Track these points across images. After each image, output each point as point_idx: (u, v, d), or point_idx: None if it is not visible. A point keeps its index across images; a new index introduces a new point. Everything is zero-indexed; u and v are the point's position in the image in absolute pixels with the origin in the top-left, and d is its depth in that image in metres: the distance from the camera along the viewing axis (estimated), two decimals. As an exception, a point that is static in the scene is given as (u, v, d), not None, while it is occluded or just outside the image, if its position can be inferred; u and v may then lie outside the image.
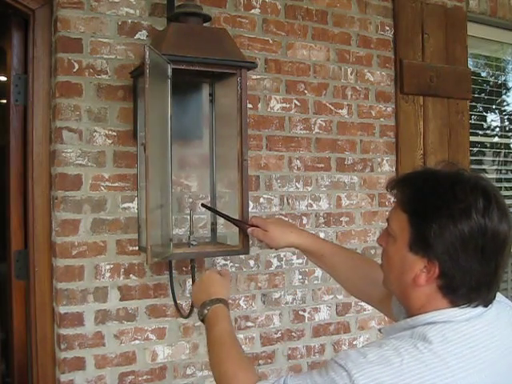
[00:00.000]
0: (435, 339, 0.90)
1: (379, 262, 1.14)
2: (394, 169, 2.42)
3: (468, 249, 0.92)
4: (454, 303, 0.96)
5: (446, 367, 0.88)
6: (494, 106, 3.05)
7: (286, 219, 2.16)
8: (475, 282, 0.94)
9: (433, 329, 0.93)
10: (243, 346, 2.05)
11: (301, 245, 1.50)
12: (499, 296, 1.05)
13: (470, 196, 0.92)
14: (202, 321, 1.27)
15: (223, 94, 1.90)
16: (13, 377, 1.97)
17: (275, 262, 2.14)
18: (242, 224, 1.62)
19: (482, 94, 2.99)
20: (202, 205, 1.69)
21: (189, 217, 1.84)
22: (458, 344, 0.91)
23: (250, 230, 1.58)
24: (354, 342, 2.29)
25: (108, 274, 1.84)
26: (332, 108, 2.27)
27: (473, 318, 0.95)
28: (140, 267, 1.88)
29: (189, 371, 1.97)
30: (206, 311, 1.27)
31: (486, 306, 0.97)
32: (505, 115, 3.11)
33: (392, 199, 1.08)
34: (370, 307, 1.96)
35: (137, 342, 1.88)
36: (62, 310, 1.78)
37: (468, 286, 0.94)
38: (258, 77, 2.10)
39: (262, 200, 2.11)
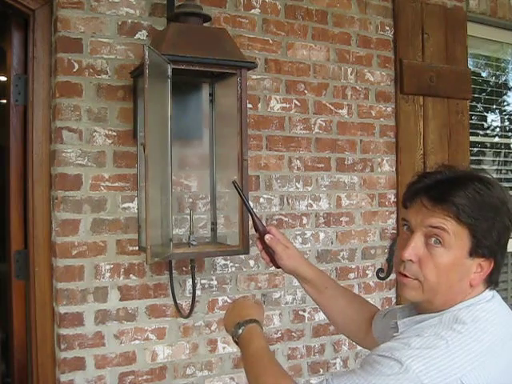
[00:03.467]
0: (467, 319, 0.95)
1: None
2: (394, 169, 2.42)
3: (508, 242, 1.03)
4: (487, 287, 1.04)
5: (484, 343, 0.93)
6: (494, 106, 3.04)
7: (286, 219, 2.16)
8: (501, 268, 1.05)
9: (462, 310, 0.98)
10: (243, 346, 2.06)
11: (309, 274, 1.42)
12: None
13: (504, 196, 1.02)
14: (236, 342, 1.24)
15: (223, 94, 1.90)
16: (13, 377, 1.97)
17: (275, 262, 2.13)
18: (262, 225, 1.42)
19: (482, 94, 2.99)
20: (234, 182, 1.54)
21: (189, 217, 1.84)
22: (487, 321, 0.96)
23: (268, 236, 1.40)
24: (354, 342, 2.29)
25: (108, 274, 1.84)
26: (332, 108, 2.27)
27: (492, 298, 1.03)
28: (140, 267, 1.88)
29: (189, 371, 1.97)
30: (240, 331, 1.23)
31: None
32: (505, 115, 3.11)
33: (392, 199, 1.09)
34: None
35: (137, 342, 1.88)
36: (62, 309, 1.78)
37: (499, 271, 1.04)
38: (258, 77, 2.10)
39: (262, 200, 2.11)
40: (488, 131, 3.05)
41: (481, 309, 0.98)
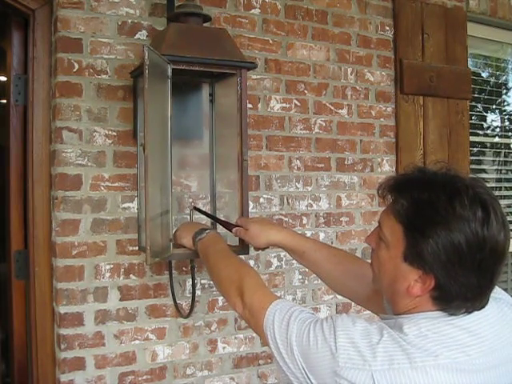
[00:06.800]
0: (410, 332, 0.92)
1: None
2: (394, 169, 2.42)
3: (466, 263, 0.90)
4: (445, 311, 0.95)
5: (420, 356, 0.89)
6: (494, 106, 3.05)
7: (286, 219, 2.16)
8: (471, 293, 0.93)
9: (411, 323, 0.94)
10: (243, 346, 2.06)
11: (281, 241, 1.48)
12: (500, 292, 1.04)
13: (468, 210, 0.90)
14: (195, 242, 1.49)
15: (223, 94, 1.90)
16: (13, 377, 1.97)
17: (275, 262, 2.14)
18: (229, 225, 1.64)
19: (482, 94, 2.99)
20: (195, 208, 1.78)
21: (189, 217, 1.84)
22: (433, 342, 0.91)
23: (234, 230, 1.59)
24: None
25: (108, 274, 1.84)
26: (332, 108, 2.27)
27: (456, 318, 0.95)
28: (140, 267, 1.88)
29: (189, 371, 1.97)
30: (209, 231, 1.46)
31: (478, 310, 0.96)
32: (505, 115, 3.11)
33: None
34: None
35: (137, 342, 1.88)
36: (62, 309, 1.78)
37: (463, 298, 0.93)
38: (258, 77, 2.10)
39: (261, 200, 2.11)
40: (488, 131, 3.05)
41: (431, 326, 0.93)
